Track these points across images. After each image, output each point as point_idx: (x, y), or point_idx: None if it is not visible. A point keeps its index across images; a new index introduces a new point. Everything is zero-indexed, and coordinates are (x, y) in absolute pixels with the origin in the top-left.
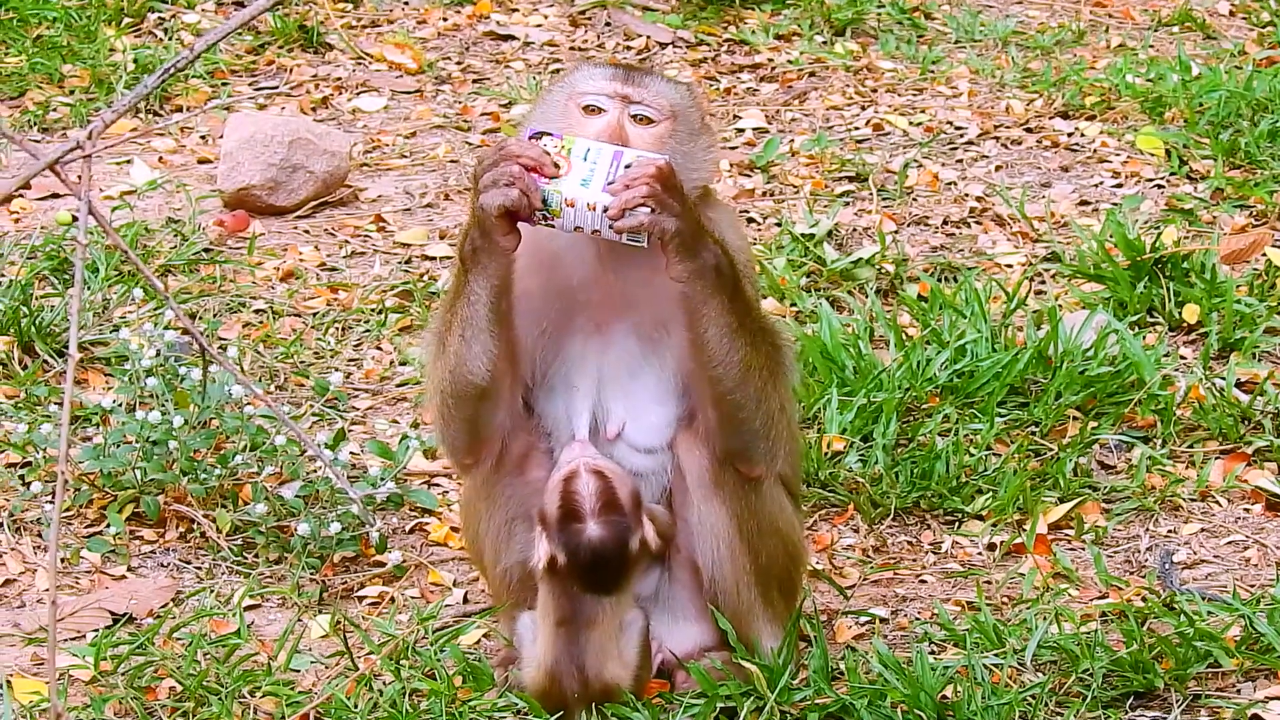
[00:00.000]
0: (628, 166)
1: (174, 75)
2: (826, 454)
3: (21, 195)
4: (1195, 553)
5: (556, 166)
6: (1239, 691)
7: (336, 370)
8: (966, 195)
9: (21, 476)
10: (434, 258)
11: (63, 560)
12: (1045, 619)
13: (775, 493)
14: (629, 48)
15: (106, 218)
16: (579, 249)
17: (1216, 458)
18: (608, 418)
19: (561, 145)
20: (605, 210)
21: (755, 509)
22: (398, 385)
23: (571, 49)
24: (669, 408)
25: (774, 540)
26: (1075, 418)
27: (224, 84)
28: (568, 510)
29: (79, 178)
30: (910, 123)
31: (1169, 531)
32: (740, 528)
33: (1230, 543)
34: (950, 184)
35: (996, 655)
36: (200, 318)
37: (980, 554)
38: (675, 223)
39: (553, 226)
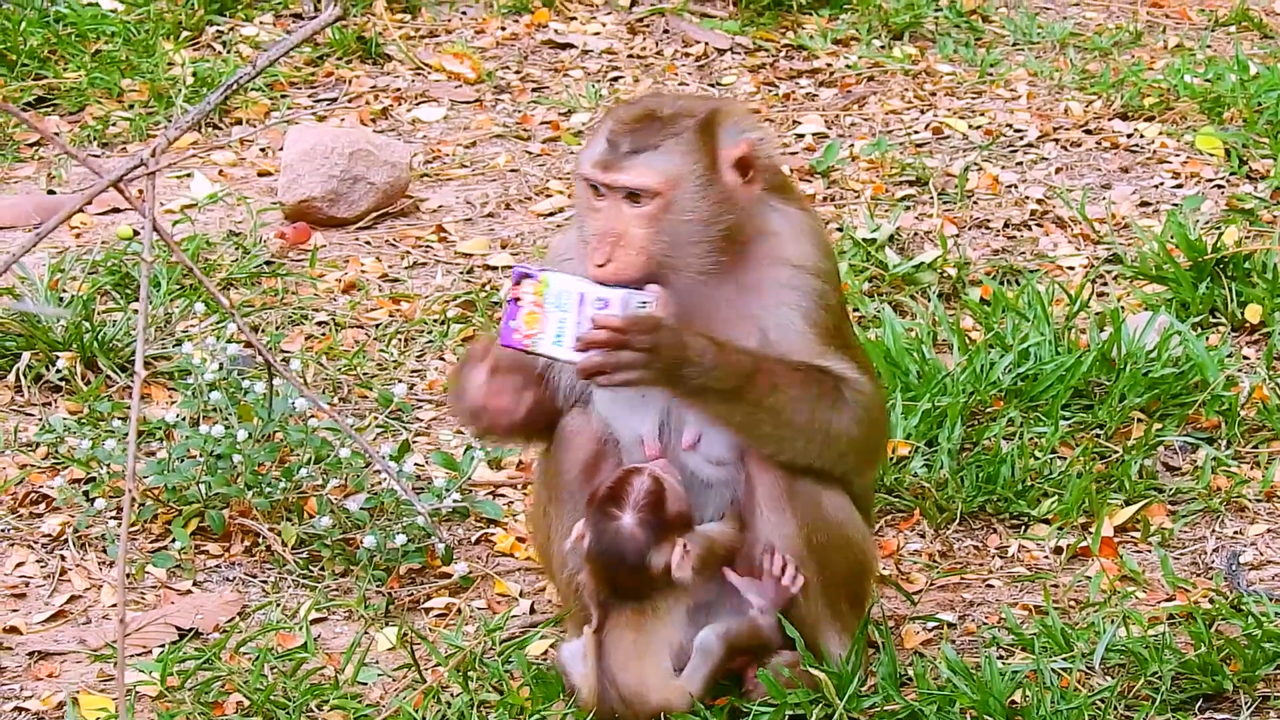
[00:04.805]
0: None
1: (237, 90)
2: (892, 459)
3: (82, 210)
4: (1262, 553)
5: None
6: None
7: (400, 382)
8: (1027, 198)
9: (86, 492)
10: (495, 268)
11: (128, 576)
12: (1113, 622)
13: (844, 504)
14: (687, 54)
15: (168, 232)
16: None
17: None
18: (683, 427)
19: (537, 288)
20: None
21: (824, 521)
22: None
23: (630, 56)
24: None
25: (842, 552)
26: (1140, 420)
27: (283, 96)
28: (613, 495)
29: (139, 192)
30: (969, 126)
31: (1235, 533)
32: (808, 540)
33: None
34: (1010, 187)
35: (1065, 659)
36: (263, 330)
37: (1047, 557)
38: (639, 372)
39: None
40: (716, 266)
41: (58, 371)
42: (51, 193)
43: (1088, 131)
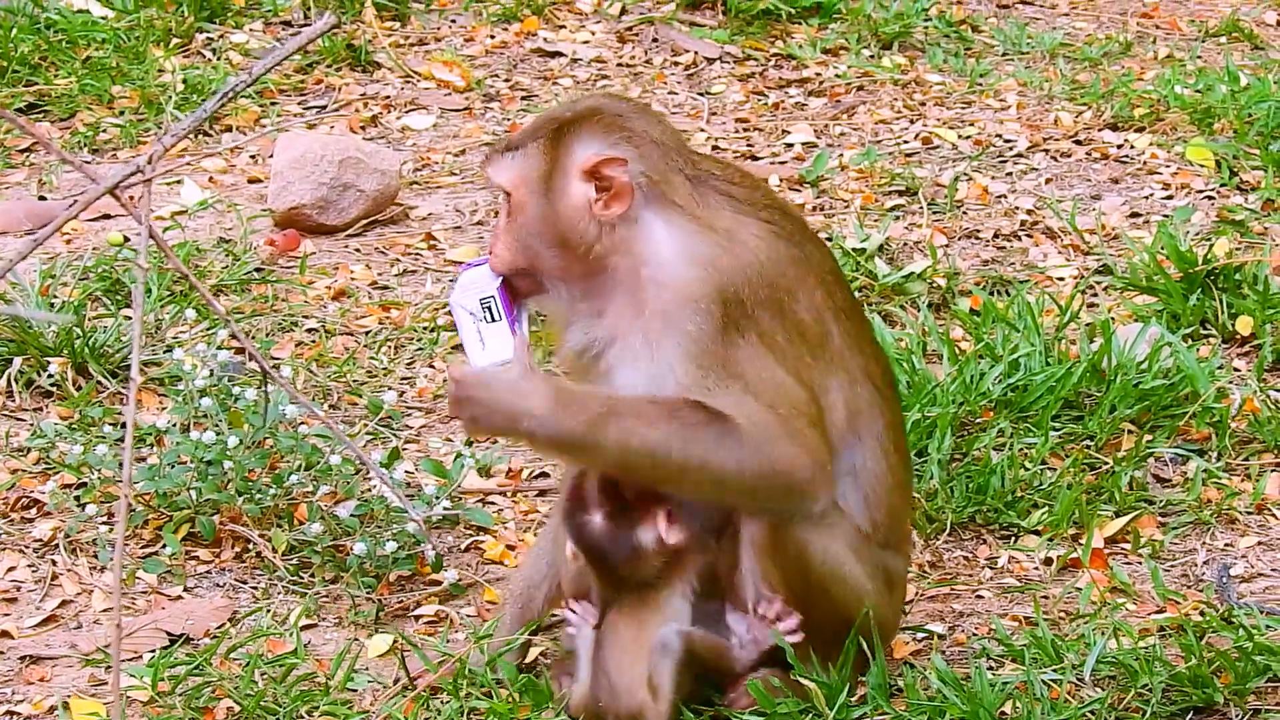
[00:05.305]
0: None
1: (232, 99)
2: None
3: (74, 216)
4: (1252, 566)
5: None
6: None
7: (390, 389)
8: (1017, 208)
9: (77, 498)
10: None
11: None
12: (1103, 634)
13: (835, 549)
14: (676, 63)
15: (160, 239)
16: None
17: (1272, 470)
18: None
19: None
20: None
21: (809, 574)
22: None
23: (619, 65)
24: None
25: (827, 604)
26: (1130, 431)
27: (273, 103)
28: (575, 502)
29: (131, 198)
30: (959, 136)
31: (1226, 545)
32: (792, 590)
33: None
34: (1000, 197)
35: (1055, 671)
36: (253, 337)
37: (1037, 569)
38: (474, 423)
39: None
40: (578, 276)
41: (49, 377)
42: (43, 199)
43: (1078, 142)
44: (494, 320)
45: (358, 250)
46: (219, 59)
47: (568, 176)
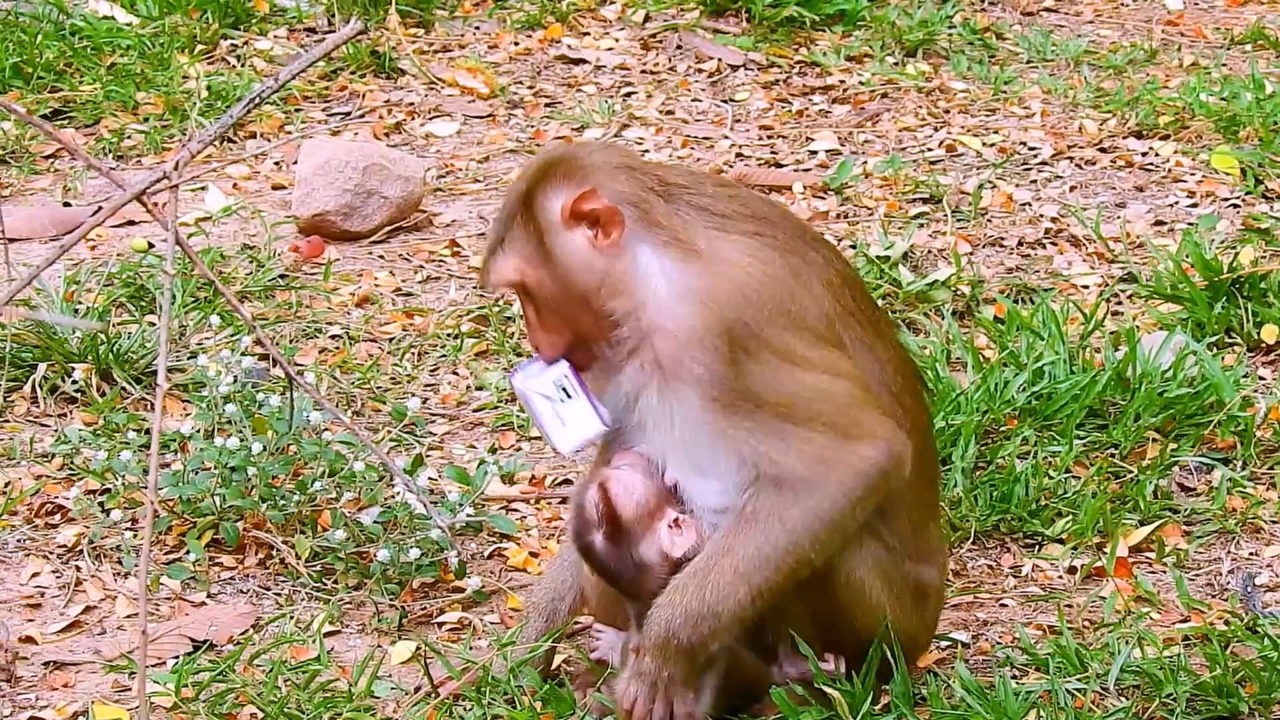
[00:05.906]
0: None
1: (258, 105)
2: None
3: (101, 222)
4: (1277, 575)
5: None
6: None
7: (413, 395)
8: (1041, 216)
9: (101, 504)
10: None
11: None
12: (1127, 643)
13: (858, 574)
14: (700, 70)
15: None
16: None
17: None
18: (664, 469)
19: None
20: None
21: (832, 597)
22: (474, 410)
23: (643, 72)
24: (719, 480)
25: (849, 625)
26: (1155, 439)
27: (297, 110)
28: (579, 524)
29: (157, 203)
30: (984, 143)
31: (1251, 554)
32: (814, 615)
33: None
34: (1025, 205)
35: (1079, 680)
36: (277, 344)
37: (1061, 577)
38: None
39: None
40: (609, 329)
41: (73, 383)
42: (67, 205)
43: (1102, 150)
44: (570, 398)
45: (382, 257)
46: (243, 66)
47: (557, 232)
